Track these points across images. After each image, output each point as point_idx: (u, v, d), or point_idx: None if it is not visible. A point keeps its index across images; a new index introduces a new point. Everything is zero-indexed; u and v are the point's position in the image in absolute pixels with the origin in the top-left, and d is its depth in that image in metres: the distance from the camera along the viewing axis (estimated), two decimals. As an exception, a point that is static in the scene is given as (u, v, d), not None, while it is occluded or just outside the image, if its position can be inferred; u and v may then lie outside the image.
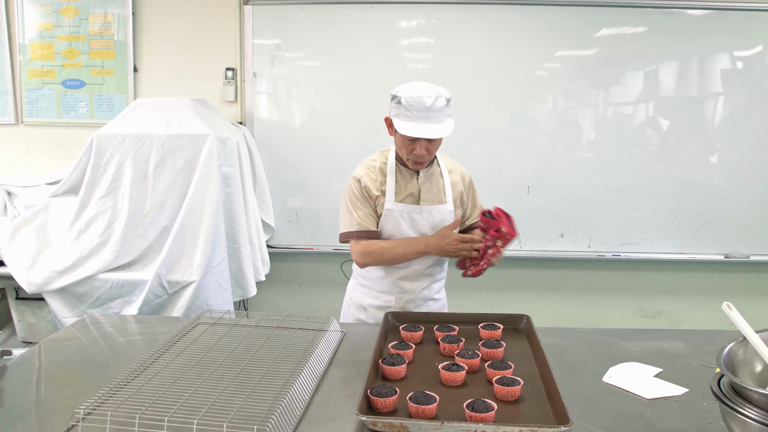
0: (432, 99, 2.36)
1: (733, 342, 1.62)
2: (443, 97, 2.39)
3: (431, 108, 2.36)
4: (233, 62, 4.28)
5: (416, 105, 2.36)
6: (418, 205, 2.60)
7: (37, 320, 3.90)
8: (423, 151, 2.45)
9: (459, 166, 2.76)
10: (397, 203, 2.58)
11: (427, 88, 2.39)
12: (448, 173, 2.69)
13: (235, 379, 1.87)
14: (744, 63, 4.02)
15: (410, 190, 2.60)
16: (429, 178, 2.63)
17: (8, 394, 1.87)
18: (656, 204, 4.21)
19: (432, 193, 2.63)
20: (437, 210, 2.62)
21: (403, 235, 2.60)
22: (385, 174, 2.60)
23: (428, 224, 2.62)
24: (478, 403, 1.66)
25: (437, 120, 2.39)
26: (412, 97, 2.36)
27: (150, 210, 3.62)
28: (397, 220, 2.59)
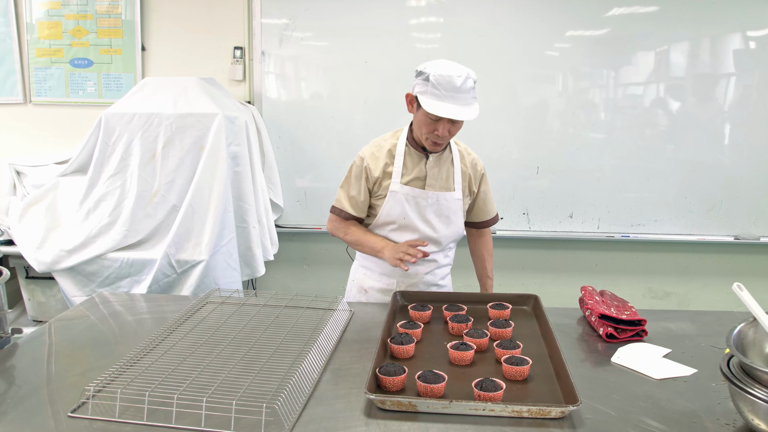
0: (462, 79, 2.27)
1: (743, 323, 1.62)
2: (471, 78, 2.32)
3: (460, 88, 2.28)
4: (241, 41, 4.26)
5: (446, 84, 2.27)
6: (424, 190, 2.54)
7: (46, 299, 3.92)
8: (445, 132, 2.37)
9: (473, 155, 2.68)
10: (402, 185, 2.52)
11: (457, 68, 2.31)
12: (459, 160, 2.61)
13: (244, 357, 1.88)
14: (757, 43, 3.97)
15: (417, 173, 2.53)
16: (438, 163, 2.55)
17: (19, 372, 1.89)
18: (666, 185, 4.19)
19: (440, 179, 2.56)
20: (444, 197, 2.56)
21: (407, 220, 2.55)
22: (393, 155, 2.53)
23: (434, 211, 2.57)
24: (487, 383, 1.66)
25: (464, 102, 2.31)
26: (442, 75, 2.27)
27: (158, 189, 3.62)
28: (402, 203, 2.53)
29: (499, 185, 4.21)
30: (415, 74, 2.38)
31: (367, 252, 2.62)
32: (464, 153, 2.64)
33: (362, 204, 2.59)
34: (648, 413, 1.63)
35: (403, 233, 2.57)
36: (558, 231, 4.30)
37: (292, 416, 1.58)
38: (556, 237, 4.32)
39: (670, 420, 1.60)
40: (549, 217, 4.28)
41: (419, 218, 2.56)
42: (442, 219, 2.59)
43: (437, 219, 2.58)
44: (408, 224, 2.56)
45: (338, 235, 2.67)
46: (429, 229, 2.58)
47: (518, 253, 4.42)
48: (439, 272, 2.73)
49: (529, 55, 4.09)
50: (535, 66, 4.11)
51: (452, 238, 2.69)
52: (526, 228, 4.30)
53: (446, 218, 2.59)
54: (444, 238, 2.64)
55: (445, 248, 2.71)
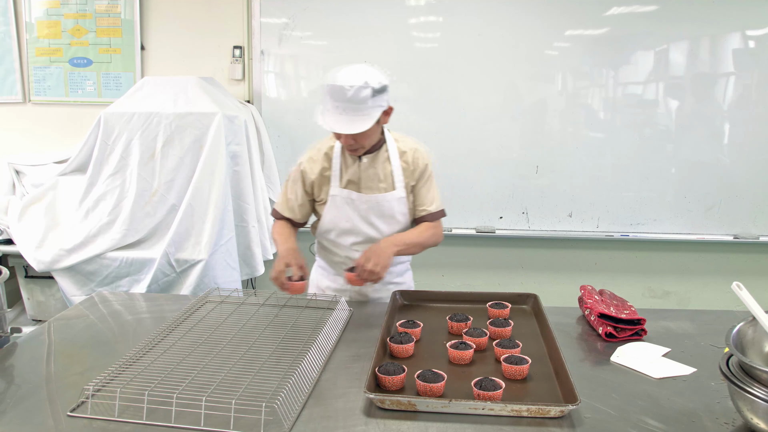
0: (353, 90, 2.16)
1: (742, 322, 1.62)
2: (370, 87, 2.18)
3: (351, 99, 2.17)
4: (241, 41, 4.26)
5: (335, 94, 2.19)
6: (361, 194, 2.46)
7: (46, 298, 3.92)
8: (349, 141, 2.29)
9: (416, 150, 2.51)
10: (341, 189, 2.46)
11: (354, 76, 2.18)
12: (399, 157, 2.47)
13: (244, 357, 1.88)
14: (756, 42, 3.97)
15: (351, 176, 2.46)
16: (373, 164, 2.45)
17: (19, 371, 1.89)
18: (665, 184, 4.19)
19: (375, 180, 2.46)
20: (384, 198, 2.46)
21: (351, 223, 2.49)
22: (330, 158, 2.47)
23: (375, 214, 2.48)
24: (486, 382, 1.66)
25: (356, 112, 2.20)
26: (334, 86, 2.18)
27: (158, 188, 3.62)
28: (342, 206, 2.47)
29: (498, 184, 4.22)
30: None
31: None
32: (405, 149, 2.49)
33: (298, 208, 2.55)
34: (647, 412, 1.63)
35: (348, 237, 2.52)
36: (557, 230, 4.30)
37: (291, 415, 1.58)
38: (555, 236, 4.32)
39: (669, 419, 1.60)
40: (548, 217, 4.28)
41: (362, 221, 2.49)
42: (385, 220, 2.50)
43: (380, 221, 2.50)
44: (352, 228, 2.50)
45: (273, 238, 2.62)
46: (374, 231, 2.51)
47: (517, 253, 4.42)
48: (395, 270, 2.65)
49: (529, 55, 4.09)
50: (535, 65, 4.11)
51: None
52: (525, 227, 4.30)
53: (390, 218, 2.50)
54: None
55: None
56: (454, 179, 4.20)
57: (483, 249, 4.41)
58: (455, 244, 4.38)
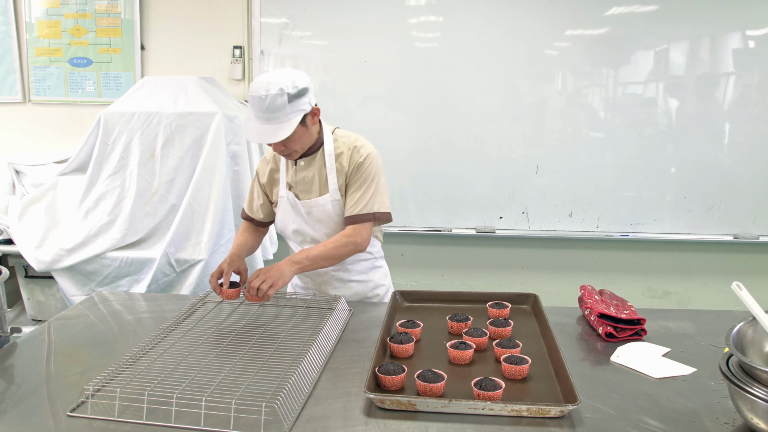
0: (269, 99, 2.14)
1: (742, 322, 1.62)
2: (286, 93, 2.15)
3: (268, 108, 2.15)
4: (241, 40, 4.26)
5: (255, 104, 2.18)
6: (298, 199, 2.46)
7: (46, 298, 3.92)
8: (280, 147, 2.28)
9: (355, 148, 2.42)
10: (287, 191, 2.47)
11: (270, 84, 2.15)
12: (334, 158, 2.41)
13: (244, 356, 1.88)
14: (756, 42, 3.97)
15: (290, 179, 2.47)
16: (309, 167, 2.43)
17: (19, 371, 1.89)
18: (666, 184, 4.19)
19: (309, 183, 2.44)
20: (315, 203, 2.43)
21: (296, 225, 2.49)
22: (278, 161, 2.50)
23: (313, 218, 2.46)
24: (486, 382, 1.66)
25: (275, 120, 2.18)
26: (252, 96, 2.18)
27: (158, 188, 3.62)
28: (288, 208, 2.48)
29: (498, 184, 4.22)
30: None
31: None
32: (344, 148, 2.42)
33: (259, 208, 2.57)
34: (647, 412, 1.63)
35: (297, 236, 2.53)
36: (557, 230, 4.30)
37: (291, 415, 1.57)
38: (555, 236, 4.32)
39: (669, 419, 1.60)
40: (548, 216, 4.28)
41: (304, 223, 2.49)
42: (323, 223, 2.47)
43: (318, 224, 2.47)
44: (298, 229, 2.50)
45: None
46: (316, 233, 2.49)
47: (518, 252, 4.42)
48: (354, 268, 2.60)
49: (529, 54, 4.09)
50: (535, 65, 4.10)
51: None
52: (525, 227, 4.30)
53: (328, 221, 2.46)
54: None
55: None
56: (455, 179, 4.20)
57: (483, 249, 4.41)
58: (455, 244, 4.38)
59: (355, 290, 2.62)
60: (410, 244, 4.40)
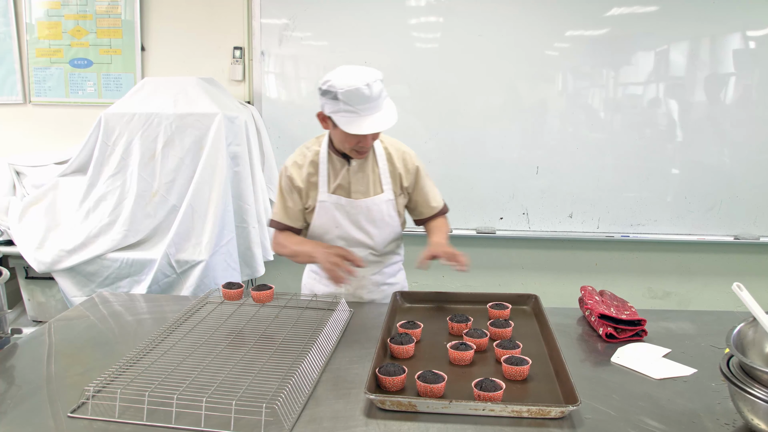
0: (369, 88, 2.13)
1: (743, 322, 1.62)
2: (378, 80, 2.17)
3: (371, 97, 2.13)
4: (241, 41, 4.26)
5: (356, 98, 2.12)
6: (351, 199, 2.44)
7: (46, 299, 3.92)
8: (370, 142, 2.28)
9: (405, 153, 2.52)
10: (330, 195, 2.43)
11: (361, 76, 2.14)
12: (386, 159, 2.47)
13: (244, 357, 1.88)
14: (757, 42, 3.97)
15: (340, 181, 2.43)
16: (362, 168, 2.44)
17: (19, 372, 1.89)
18: (666, 185, 4.19)
19: (364, 184, 2.44)
20: (373, 202, 2.45)
21: (340, 228, 2.46)
22: (316, 164, 2.43)
23: (366, 218, 2.47)
24: (486, 382, 1.66)
25: (379, 107, 2.18)
26: (350, 90, 2.11)
27: (158, 189, 3.62)
28: (332, 212, 2.44)
29: (498, 185, 4.22)
30: (320, 93, 2.22)
31: (305, 261, 2.53)
32: (392, 151, 2.49)
33: (298, 213, 2.49)
34: (648, 413, 1.63)
35: (338, 242, 2.49)
36: (558, 231, 4.30)
37: (291, 416, 1.58)
38: (555, 237, 4.32)
39: (669, 420, 1.60)
40: (549, 217, 4.28)
41: (353, 226, 2.48)
42: (376, 224, 2.49)
43: (371, 225, 2.48)
44: (342, 234, 2.48)
45: (281, 252, 2.51)
46: (364, 236, 2.50)
47: (518, 253, 4.42)
48: (387, 270, 2.66)
49: (529, 55, 4.08)
50: (535, 66, 4.10)
51: (390, 239, 2.59)
52: (525, 228, 4.30)
53: (380, 222, 2.49)
54: (381, 242, 2.55)
55: (384, 251, 2.61)
56: (455, 180, 4.20)
57: (483, 249, 4.41)
58: (455, 245, 4.33)
59: (386, 293, 2.62)
60: (410, 245, 4.36)
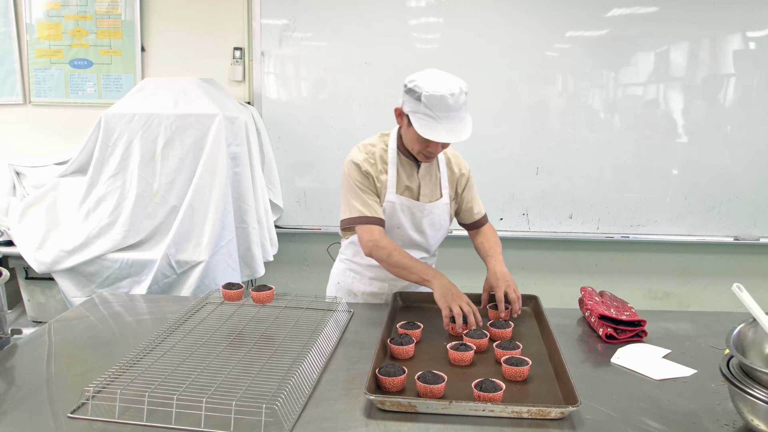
0: (455, 98, 2.13)
1: (743, 323, 1.62)
2: (464, 92, 2.18)
3: (453, 107, 2.14)
4: (241, 42, 4.26)
5: (438, 105, 2.12)
6: (418, 201, 2.44)
7: (46, 300, 3.92)
8: (439, 149, 2.30)
9: (458, 158, 2.60)
10: (399, 196, 2.41)
11: (449, 84, 2.15)
12: (445, 164, 2.53)
13: (244, 358, 1.88)
14: (757, 43, 3.97)
15: (409, 183, 2.43)
16: (429, 172, 2.48)
17: (19, 372, 1.89)
18: (666, 186, 4.19)
19: (430, 187, 2.48)
20: (436, 207, 2.48)
21: (401, 230, 2.45)
22: (385, 162, 2.41)
23: (428, 222, 2.49)
24: (487, 383, 1.66)
25: (459, 119, 2.18)
26: (434, 95, 2.11)
27: (158, 190, 3.62)
28: (398, 214, 2.43)
29: (498, 186, 4.22)
30: (404, 89, 2.23)
31: (413, 280, 2.31)
32: (451, 157, 2.55)
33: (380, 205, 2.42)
34: (648, 414, 1.63)
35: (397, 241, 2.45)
36: (558, 231, 4.30)
37: (291, 417, 1.57)
38: (555, 237, 4.32)
39: (669, 421, 1.60)
40: (549, 218, 4.28)
41: (413, 228, 2.48)
42: (434, 227, 2.52)
43: (430, 228, 2.51)
44: (401, 235, 2.47)
45: (380, 255, 2.33)
46: (421, 238, 2.51)
47: (518, 254, 4.41)
48: None
49: (529, 56, 4.09)
50: (535, 66, 4.11)
51: (440, 242, 2.63)
52: (525, 228, 4.30)
53: (438, 225, 2.53)
54: (434, 244, 2.59)
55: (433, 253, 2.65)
56: (455, 180, 4.20)
57: (483, 250, 4.41)
58: (455, 246, 4.36)
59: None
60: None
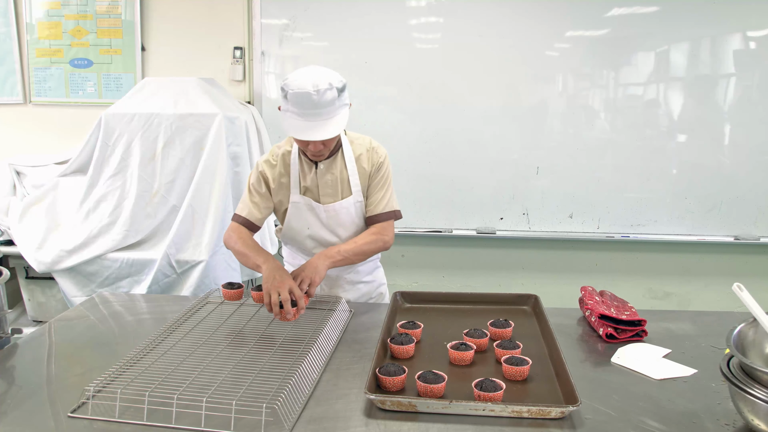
0: (318, 94, 2.09)
1: (743, 323, 1.62)
2: (334, 87, 2.13)
3: (318, 103, 2.10)
4: (241, 41, 4.26)
5: (302, 101, 2.10)
6: (319, 203, 2.41)
7: (47, 299, 3.92)
8: (318, 147, 2.23)
9: (373, 152, 2.45)
10: (302, 196, 2.40)
11: (314, 79, 2.11)
12: (355, 160, 2.41)
13: (244, 358, 1.88)
14: (757, 43, 3.97)
15: (309, 184, 2.40)
16: (330, 170, 2.39)
17: (19, 372, 1.89)
18: (666, 185, 4.19)
19: (332, 186, 2.40)
20: (341, 206, 2.41)
21: (311, 230, 2.44)
22: (287, 164, 2.40)
23: (335, 222, 2.44)
24: (487, 383, 1.66)
25: (326, 115, 2.14)
26: (297, 92, 2.10)
27: (158, 189, 3.62)
28: (304, 214, 2.42)
29: (499, 185, 4.22)
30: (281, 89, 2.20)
31: (250, 268, 2.35)
32: (363, 152, 2.43)
33: (264, 211, 2.44)
34: (648, 413, 1.63)
35: (309, 242, 2.48)
36: (558, 231, 4.30)
37: (292, 416, 1.57)
38: (555, 237, 4.32)
39: (670, 420, 1.59)
40: (549, 218, 4.28)
41: (323, 228, 2.45)
42: (345, 227, 2.46)
43: (341, 228, 2.46)
44: (313, 234, 2.47)
45: (229, 243, 2.41)
46: (334, 238, 2.47)
47: (518, 254, 4.42)
48: (362, 269, 2.62)
49: (529, 56, 4.09)
50: (535, 66, 4.10)
51: None
52: (525, 228, 4.30)
53: (350, 224, 2.47)
54: None
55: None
56: (455, 180, 4.20)
57: (483, 250, 4.41)
58: (456, 245, 4.38)
59: (362, 291, 2.64)
60: (411, 245, 4.40)
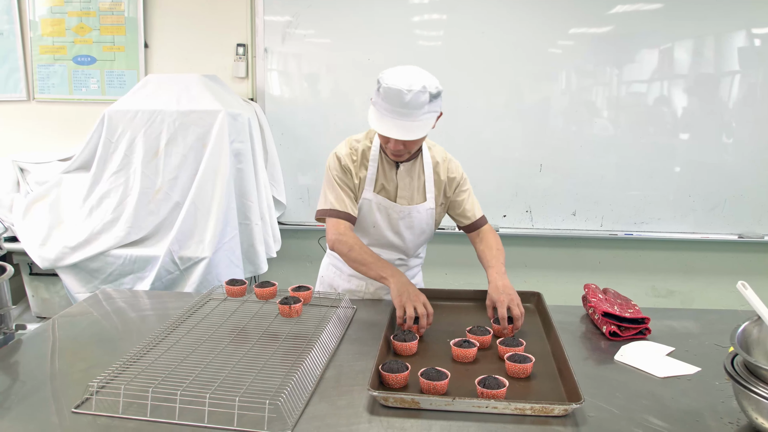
0: (412, 94, 2.07)
1: (747, 321, 1.61)
2: (428, 91, 2.10)
3: (409, 104, 2.08)
4: (244, 38, 4.26)
5: (393, 98, 2.09)
6: (395, 203, 2.41)
7: (50, 295, 3.93)
8: (399, 146, 2.22)
9: (449, 162, 2.48)
10: (375, 194, 2.39)
11: (410, 79, 2.10)
12: (432, 167, 2.43)
13: (247, 354, 1.88)
14: (762, 40, 3.95)
15: (386, 182, 2.40)
16: (409, 173, 2.41)
17: (23, 368, 1.89)
18: (670, 183, 4.18)
19: (410, 189, 2.42)
20: (416, 210, 2.42)
21: (377, 228, 2.43)
22: (367, 158, 2.39)
23: (405, 224, 2.44)
24: (490, 380, 1.66)
25: (413, 117, 2.12)
26: (391, 88, 2.09)
27: (162, 186, 3.62)
28: (373, 212, 2.41)
29: (502, 183, 4.22)
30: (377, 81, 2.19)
31: (372, 276, 2.28)
32: (440, 160, 2.45)
33: (354, 201, 2.40)
34: (651, 411, 1.63)
35: (366, 239, 2.46)
36: (561, 229, 4.30)
37: (295, 413, 1.58)
38: (559, 235, 4.32)
39: (673, 418, 1.59)
40: (552, 215, 4.27)
41: (389, 229, 2.45)
42: (413, 230, 2.47)
43: (408, 231, 2.46)
44: (376, 234, 2.46)
45: (341, 249, 2.32)
46: (398, 240, 2.49)
47: (521, 251, 4.42)
48: (409, 273, 2.63)
49: (532, 53, 4.08)
50: (539, 64, 4.10)
51: (422, 245, 2.61)
52: (529, 226, 4.30)
53: (418, 229, 2.48)
54: (413, 247, 2.55)
55: (412, 255, 2.61)
56: (458, 178, 4.20)
57: (486, 247, 4.40)
58: (458, 242, 4.36)
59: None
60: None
